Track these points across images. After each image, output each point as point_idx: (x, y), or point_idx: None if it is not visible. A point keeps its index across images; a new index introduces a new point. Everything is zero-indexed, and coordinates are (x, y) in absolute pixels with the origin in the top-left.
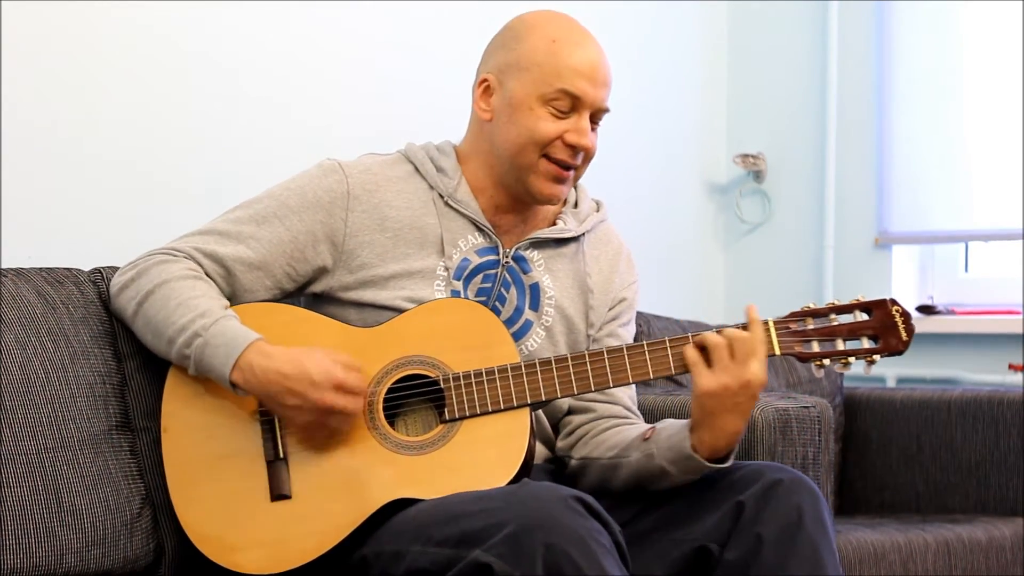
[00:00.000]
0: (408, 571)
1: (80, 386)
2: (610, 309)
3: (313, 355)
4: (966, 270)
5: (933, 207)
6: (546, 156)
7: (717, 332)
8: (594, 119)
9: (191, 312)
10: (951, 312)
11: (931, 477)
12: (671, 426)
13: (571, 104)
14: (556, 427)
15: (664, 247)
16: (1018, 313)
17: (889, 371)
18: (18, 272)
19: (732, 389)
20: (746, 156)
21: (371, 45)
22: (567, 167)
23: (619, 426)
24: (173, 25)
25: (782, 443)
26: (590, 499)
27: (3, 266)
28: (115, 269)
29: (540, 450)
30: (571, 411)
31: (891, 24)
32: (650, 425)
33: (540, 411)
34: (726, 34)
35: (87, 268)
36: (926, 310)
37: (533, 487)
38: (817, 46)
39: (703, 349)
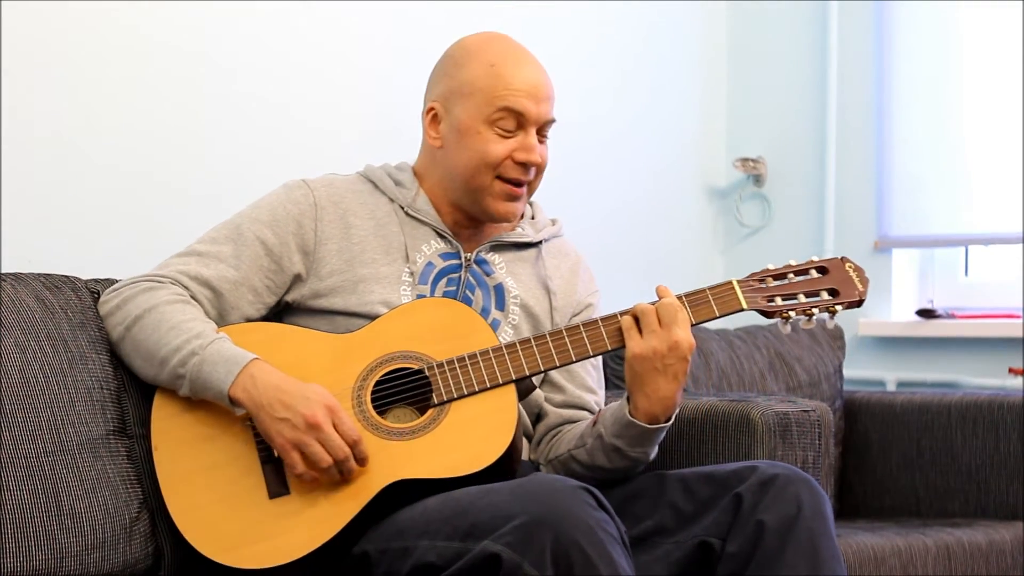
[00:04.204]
0: (415, 566)
1: (79, 390)
2: (576, 315)
3: (313, 384)
4: (966, 274)
5: (933, 211)
6: (499, 177)
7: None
8: (541, 132)
9: (185, 334)
10: (951, 316)
11: (931, 481)
12: (612, 405)
13: (516, 122)
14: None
15: (664, 251)
16: (1018, 317)
17: (889, 375)
18: (17, 277)
19: (660, 351)
20: (746, 160)
21: (371, 46)
22: (519, 183)
23: (575, 424)
24: (174, 28)
25: (782, 447)
26: (597, 491)
27: (2, 271)
28: (111, 282)
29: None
30: (537, 418)
31: (891, 26)
32: (599, 411)
33: (521, 408)
34: (725, 37)
35: (85, 274)
36: (926, 314)
37: (540, 478)
38: (817, 48)
39: (636, 319)
